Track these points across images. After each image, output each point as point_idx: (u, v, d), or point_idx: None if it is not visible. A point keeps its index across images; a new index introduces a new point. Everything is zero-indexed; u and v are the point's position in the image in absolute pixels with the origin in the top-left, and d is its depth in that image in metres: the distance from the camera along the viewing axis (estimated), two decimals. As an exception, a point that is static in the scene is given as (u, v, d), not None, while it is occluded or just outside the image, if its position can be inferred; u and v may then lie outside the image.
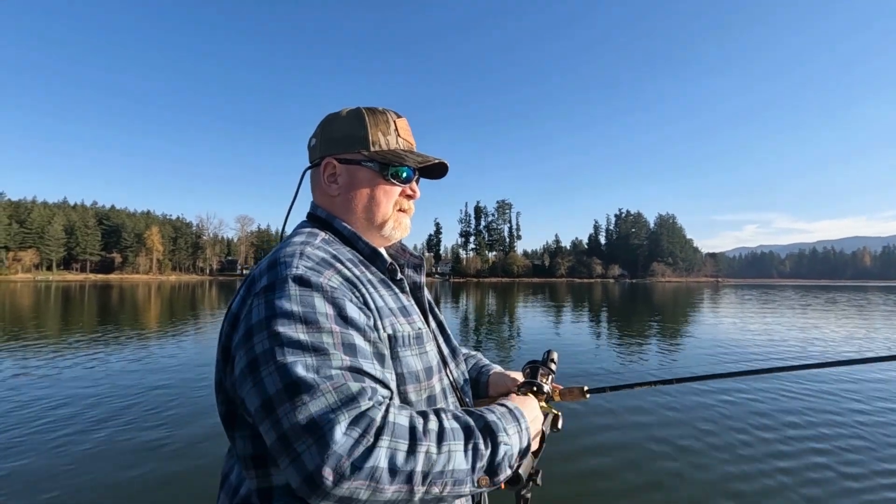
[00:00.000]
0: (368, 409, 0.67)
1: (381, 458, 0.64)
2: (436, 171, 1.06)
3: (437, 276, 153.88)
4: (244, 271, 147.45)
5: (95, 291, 42.44)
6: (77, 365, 8.47)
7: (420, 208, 1.06)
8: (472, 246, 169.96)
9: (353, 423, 0.65)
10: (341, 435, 0.64)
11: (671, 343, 12.12)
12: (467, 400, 1.01)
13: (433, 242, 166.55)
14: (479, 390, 1.16)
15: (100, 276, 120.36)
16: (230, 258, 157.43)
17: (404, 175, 0.98)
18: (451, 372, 0.98)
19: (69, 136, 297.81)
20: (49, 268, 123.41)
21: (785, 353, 10.37)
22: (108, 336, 12.41)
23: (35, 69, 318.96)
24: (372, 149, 0.97)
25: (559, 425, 0.98)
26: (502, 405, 0.85)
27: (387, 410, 0.69)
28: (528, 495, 0.91)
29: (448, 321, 1.06)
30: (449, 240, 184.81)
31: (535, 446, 0.88)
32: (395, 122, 1.00)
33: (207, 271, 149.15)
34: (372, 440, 0.65)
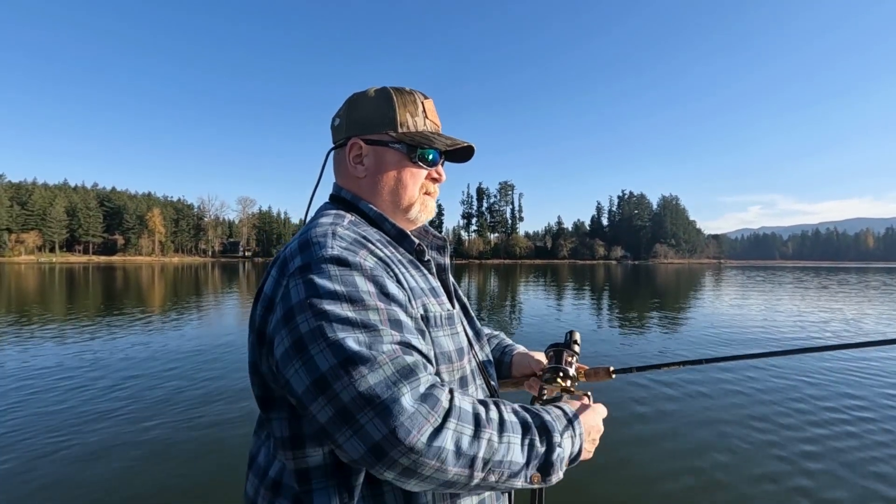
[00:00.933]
0: (432, 388, 0.68)
1: (448, 440, 0.65)
2: (462, 154, 1.04)
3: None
4: (246, 253, 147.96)
5: (99, 273, 42.62)
6: (85, 347, 8.53)
7: None
8: (474, 227, 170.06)
9: (421, 399, 0.66)
10: (409, 406, 0.64)
11: (678, 325, 12.13)
12: (493, 382, 1.01)
13: (435, 224, 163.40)
14: (502, 371, 1.15)
15: (103, 258, 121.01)
16: (232, 240, 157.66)
17: (431, 158, 0.97)
18: (477, 353, 0.98)
19: (68, 117, 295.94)
20: (52, 249, 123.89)
21: (800, 334, 10.32)
22: (115, 317, 12.48)
23: (33, 49, 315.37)
24: (400, 130, 0.94)
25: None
26: (559, 408, 0.85)
27: (451, 393, 0.70)
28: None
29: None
30: (451, 221, 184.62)
31: (588, 456, 0.87)
32: (422, 103, 0.98)
33: (210, 253, 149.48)
34: (440, 420, 0.66)
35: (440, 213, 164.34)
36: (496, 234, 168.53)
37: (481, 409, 0.72)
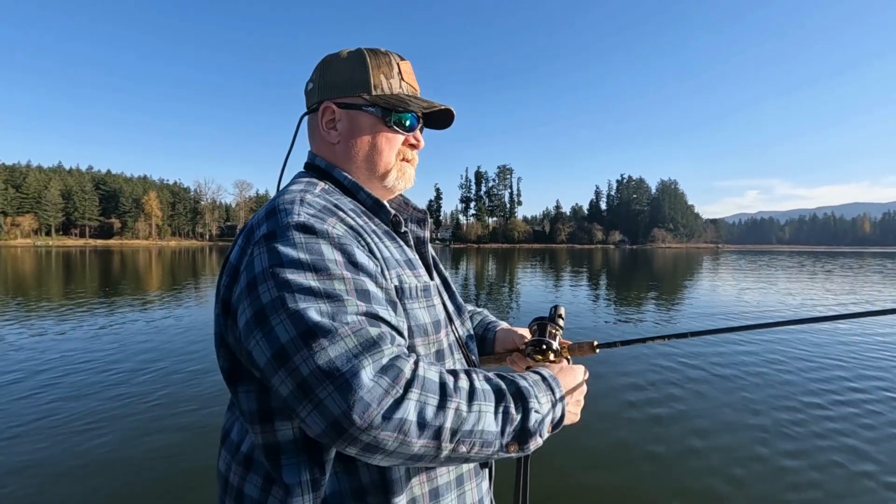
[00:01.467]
0: (395, 359, 0.65)
1: (409, 411, 0.62)
2: (441, 119, 1.00)
3: (437, 241, 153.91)
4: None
5: (96, 257, 42.53)
6: (84, 329, 8.57)
7: (420, 173, 1.00)
8: (472, 212, 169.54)
9: (382, 371, 0.63)
10: (368, 380, 0.61)
11: (671, 303, 12.23)
12: (473, 357, 0.98)
13: (433, 208, 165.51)
14: (485, 347, 1.14)
15: (99, 242, 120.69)
16: (229, 223, 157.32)
17: (408, 123, 0.93)
18: (456, 328, 0.95)
19: (60, 99, 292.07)
20: (48, 233, 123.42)
21: (793, 310, 10.52)
22: (113, 301, 12.52)
23: (26, 26, 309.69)
24: (374, 92, 0.90)
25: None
26: (536, 372, 0.82)
27: (416, 363, 0.67)
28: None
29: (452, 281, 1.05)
30: (449, 205, 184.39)
31: (573, 419, 0.85)
32: (398, 64, 0.94)
33: (207, 237, 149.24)
34: (401, 392, 0.63)
35: (438, 197, 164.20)
36: (494, 219, 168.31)
37: (449, 378, 0.69)
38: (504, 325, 1.17)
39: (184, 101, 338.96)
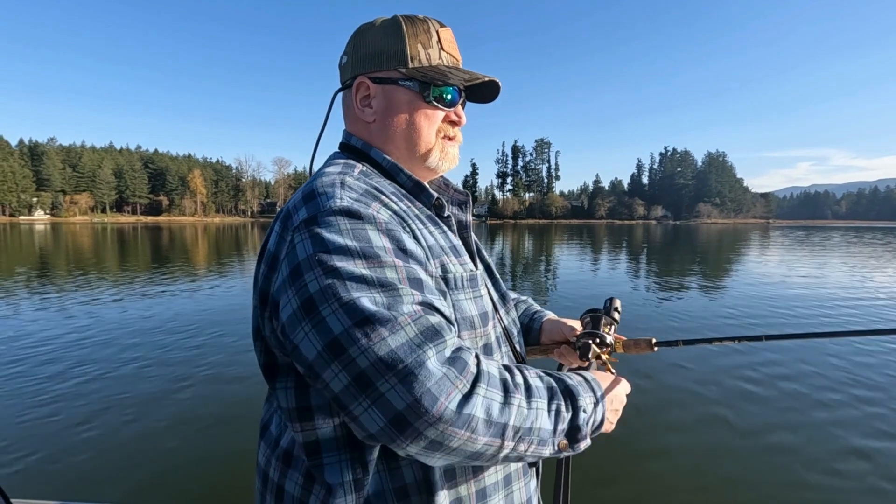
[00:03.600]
0: (458, 351, 0.62)
1: (478, 407, 0.60)
2: (485, 92, 0.92)
3: (473, 217, 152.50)
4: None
5: (148, 233, 44.67)
6: (146, 302, 9.02)
7: None
8: (509, 187, 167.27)
9: (448, 362, 0.60)
10: (436, 370, 0.58)
11: (727, 290, 11.71)
12: (519, 349, 0.93)
13: (469, 183, 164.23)
14: (530, 338, 1.08)
15: (150, 218, 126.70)
16: (269, 200, 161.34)
17: (449, 97, 0.85)
18: (502, 318, 0.90)
19: (111, 80, 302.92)
20: (103, 210, 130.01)
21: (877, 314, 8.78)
22: (167, 275, 13.10)
23: (80, 11, 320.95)
24: (411, 65, 0.83)
25: None
26: (579, 374, 0.78)
27: (478, 357, 0.65)
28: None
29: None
30: (485, 180, 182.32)
31: (609, 428, 0.80)
32: (437, 32, 0.85)
33: (248, 213, 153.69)
34: (469, 386, 0.60)
35: (474, 172, 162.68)
36: (531, 194, 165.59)
37: (507, 374, 0.67)
38: (551, 315, 1.11)
39: (228, 81, 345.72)
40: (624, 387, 0.85)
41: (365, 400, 0.59)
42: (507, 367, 0.69)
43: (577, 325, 1.03)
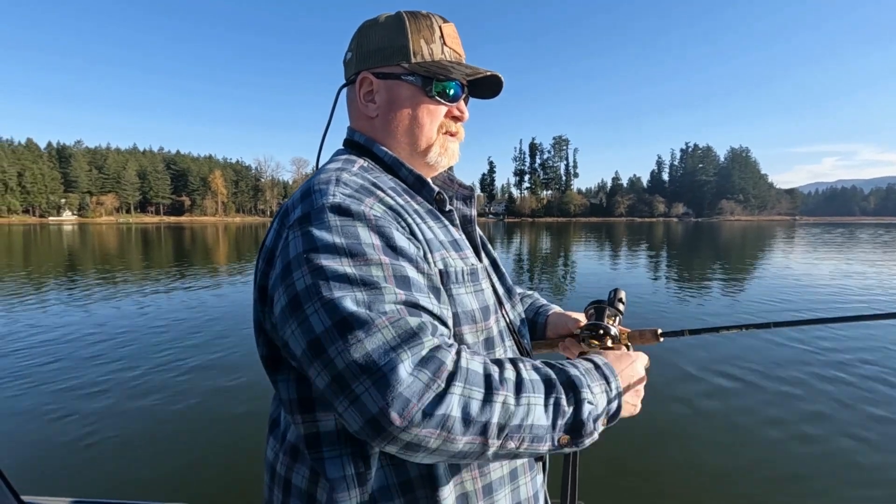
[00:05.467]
0: (435, 350, 0.62)
1: (453, 406, 0.59)
2: (488, 87, 0.93)
3: (490, 216, 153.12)
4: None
5: (171, 233, 45.58)
6: (169, 299, 9.18)
7: (473, 146, 0.88)
8: (526, 185, 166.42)
9: (421, 364, 0.60)
10: (407, 374, 0.58)
11: (746, 284, 11.43)
12: (524, 343, 0.93)
13: (486, 182, 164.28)
14: (536, 332, 1.07)
15: (172, 218, 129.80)
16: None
17: (451, 92, 0.86)
18: (507, 313, 0.90)
19: (133, 80, 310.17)
20: (128, 210, 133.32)
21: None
22: (192, 273, 13.32)
23: (102, 19, 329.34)
24: (413, 60, 0.84)
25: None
26: (589, 360, 0.76)
27: (458, 354, 0.63)
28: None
29: (502, 262, 0.99)
30: (502, 178, 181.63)
31: (633, 410, 0.79)
32: (440, 27, 0.87)
33: (268, 213, 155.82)
34: (443, 385, 0.59)
35: (491, 171, 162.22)
36: (549, 192, 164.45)
37: (494, 369, 0.65)
38: (556, 308, 1.10)
39: (243, 83, 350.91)
40: (641, 362, 0.83)
41: (345, 399, 0.60)
42: (497, 362, 0.67)
43: (581, 317, 1.01)
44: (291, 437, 0.79)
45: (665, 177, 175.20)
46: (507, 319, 0.89)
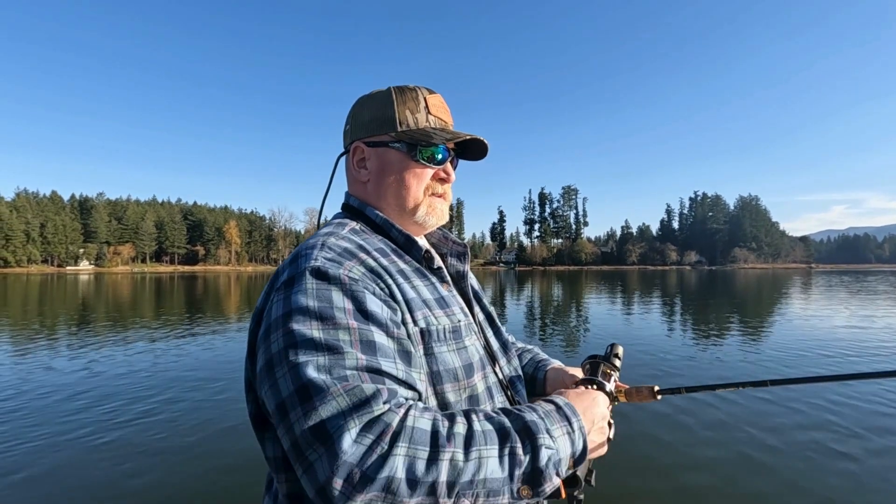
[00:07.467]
0: (383, 414, 0.61)
1: (397, 468, 0.58)
2: (475, 150, 0.98)
3: (501, 264, 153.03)
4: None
5: (184, 282, 45.96)
6: (178, 349, 9.08)
7: (483, 195, 0.91)
8: (536, 233, 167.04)
9: (365, 428, 0.60)
10: (351, 442, 0.58)
11: (755, 340, 11.07)
12: (518, 399, 0.92)
13: (497, 230, 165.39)
14: (535, 388, 1.07)
15: (186, 268, 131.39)
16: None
17: (439, 156, 0.92)
18: (501, 368, 0.91)
19: (156, 136, 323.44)
20: (143, 260, 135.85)
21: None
22: (203, 322, 13.28)
23: (109, 63, 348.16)
24: (399, 128, 0.90)
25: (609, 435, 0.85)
26: (550, 401, 0.76)
27: (405, 414, 0.63)
28: (581, 496, 0.78)
29: (511, 311, 0.97)
30: (512, 227, 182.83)
31: (600, 451, 0.80)
32: (425, 98, 0.93)
33: (279, 262, 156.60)
34: (386, 447, 0.59)
35: (501, 220, 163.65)
36: (560, 240, 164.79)
37: (443, 425, 0.64)
38: (556, 363, 1.10)
39: (260, 138, 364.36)
40: (601, 401, 0.83)
41: (300, 466, 0.61)
42: (449, 416, 0.67)
43: (579, 372, 1.01)
44: (280, 496, 0.79)
45: (675, 225, 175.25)
46: (501, 375, 0.89)
